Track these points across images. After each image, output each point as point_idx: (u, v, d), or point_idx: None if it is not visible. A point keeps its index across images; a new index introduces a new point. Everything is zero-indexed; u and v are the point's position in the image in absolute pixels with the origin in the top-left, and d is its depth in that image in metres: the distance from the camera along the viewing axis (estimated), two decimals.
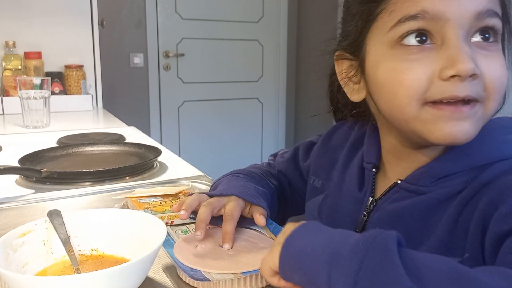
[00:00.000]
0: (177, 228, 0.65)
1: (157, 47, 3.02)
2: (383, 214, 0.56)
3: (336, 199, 0.65)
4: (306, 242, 0.44)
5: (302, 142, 0.79)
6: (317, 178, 0.71)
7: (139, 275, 0.49)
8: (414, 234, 0.52)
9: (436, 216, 0.51)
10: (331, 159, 0.70)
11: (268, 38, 3.35)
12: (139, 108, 3.03)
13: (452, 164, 0.52)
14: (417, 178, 0.54)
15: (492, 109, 0.49)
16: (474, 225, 0.47)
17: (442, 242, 0.49)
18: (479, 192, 0.48)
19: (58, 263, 0.55)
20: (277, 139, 3.56)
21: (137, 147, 1.17)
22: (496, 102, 0.49)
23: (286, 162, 0.79)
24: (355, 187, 0.62)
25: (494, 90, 0.47)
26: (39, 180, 0.92)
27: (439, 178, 0.52)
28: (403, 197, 0.55)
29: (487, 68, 0.47)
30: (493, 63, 0.47)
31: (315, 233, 0.44)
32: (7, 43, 1.86)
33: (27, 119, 1.55)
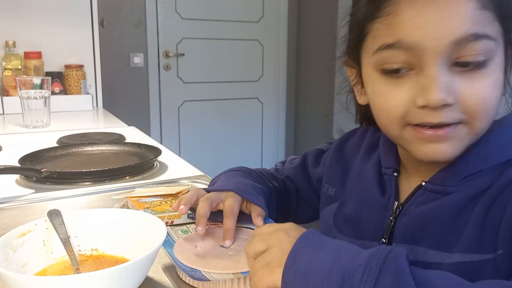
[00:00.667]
0: (177, 228, 0.65)
1: (157, 47, 3.02)
2: (410, 218, 0.55)
3: (356, 208, 0.63)
4: (310, 260, 0.41)
5: (311, 149, 0.79)
6: (331, 186, 0.70)
7: (139, 275, 0.49)
8: (444, 236, 0.51)
9: (465, 215, 0.50)
10: (344, 168, 0.69)
11: (268, 38, 3.35)
12: (139, 108, 3.03)
13: (477, 162, 0.51)
14: (443, 178, 0.53)
15: (479, 127, 0.49)
16: (506, 220, 0.46)
17: (472, 240, 0.49)
18: (508, 187, 0.48)
19: (58, 263, 0.55)
20: (277, 139, 3.56)
21: (137, 147, 1.17)
22: (483, 121, 0.49)
23: (295, 169, 0.78)
24: (376, 193, 0.61)
25: (476, 113, 0.47)
26: (39, 180, 0.92)
27: (465, 177, 0.52)
28: (430, 199, 0.54)
29: (469, 93, 0.47)
30: (476, 87, 0.47)
31: (318, 248, 0.43)
32: (7, 43, 1.86)
33: (27, 119, 1.55)
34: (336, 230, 0.66)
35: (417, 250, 0.53)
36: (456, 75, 0.47)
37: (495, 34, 0.46)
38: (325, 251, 0.42)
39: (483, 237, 0.48)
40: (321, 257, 0.41)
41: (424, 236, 0.53)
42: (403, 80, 0.49)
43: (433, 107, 0.47)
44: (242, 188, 0.65)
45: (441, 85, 0.46)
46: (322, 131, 3.09)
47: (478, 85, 0.47)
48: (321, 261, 0.41)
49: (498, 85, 0.48)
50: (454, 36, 0.45)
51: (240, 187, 0.65)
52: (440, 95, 0.46)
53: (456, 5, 0.45)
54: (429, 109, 0.47)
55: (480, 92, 0.47)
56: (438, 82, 0.46)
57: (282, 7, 3.34)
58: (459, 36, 0.45)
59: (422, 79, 0.47)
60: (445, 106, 0.47)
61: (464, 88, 0.47)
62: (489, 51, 0.46)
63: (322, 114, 3.07)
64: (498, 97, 0.48)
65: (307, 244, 0.43)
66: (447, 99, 0.46)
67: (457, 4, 0.45)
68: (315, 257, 0.41)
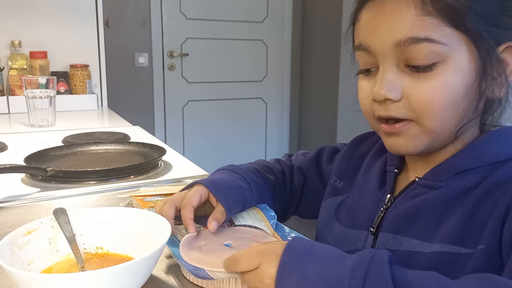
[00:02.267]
0: (181, 227, 0.66)
1: (162, 47, 3.02)
2: (399, 210, 0.58)
3: (357, 199, 0.66)
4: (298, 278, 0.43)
5: (327, 145, 0.80)
6: (339, 179, 0.72)
7: (143, 273, 0.49)
8: (429, 227, 0.53)
9: (452, 208, 0.52)
10: (357, 165, 0.71)
11: (272, 38, 3.35)
12: (143, 107, 3.04)
13: (470, 160, 0.54)
14: (435, 174, 0.56)
15: (429, 125, 0.52)
16: (494, 219, 0.48)
17: (454, 233, 0.51)
18: (498, 187, 0.50)
19: (63, 261, 0.55)
20: (281, 139, 3.56)
21: (142, 146, 1.17)
22: (431, 120, 0.52)
23: (310, 161, 0.79)
24: (375, 187, 0.64)
25: (422, 111, 0.51)
26: (44, 179, 0.93)
27: (456, 174, 0.54)
28: (421, 193, 0.57)
29: (413, 92, 0.51)
30: (421, 87, 0.51)
31: (305, 261, 0.44)
32: (13, 42, 1.87)
33: (33, 118, 1.56)
34: (336, 220, 0.68)
35: (401, 240, 0.55)
36: (405, 75, 0.52)
37: (442, 38, 0.49)
38: (312, 263, 0.43)
39: (467, 232, 0.50)
40: (308, 272, 0.43)
41: (409, 227, 0.55)
42: (370, 77, 0.56)
43: (378, 101, 0.54)
44: (213, 181, 0.65)
45: (385, 82, 0.52)
46: (326, 131, 3.09)
47: (423, 85, 0.51)
48: (309, 276, 0.42)
49: (450, 86, 0.50)
50: (394, 39, 0.51)
51: (211, 180, 0.65)
52: (381, 91, 0.52)
53: (399, 13, 0.51)
54: (380, 103, 0.54)
55: (423, 92, 0.51)
56: (383, 79, 0.53)
57: (287, 7, 3.34)
58: (399, 39, 0.50)
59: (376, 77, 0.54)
60: (391, 101, 0.53)
61: (409, 87, 0.52)
62: (435, 53, 0.50)
63: (326, 115, 3.07)
64: (449, 98, 0.50)
65: (293, 256, 0.44)
66: (388, 95, 0.52)
67: (399, 12, 0.51)
68: (303, 272, 0.43)
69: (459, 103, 0.51)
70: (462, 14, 0.49)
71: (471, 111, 0.53)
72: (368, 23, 0.54)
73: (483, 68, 0.51)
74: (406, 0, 0.50)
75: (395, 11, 0.51)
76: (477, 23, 0.50)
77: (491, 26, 0.50)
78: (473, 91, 0.52)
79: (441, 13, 0.49)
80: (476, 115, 0.54)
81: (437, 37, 0.49)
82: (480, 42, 0.50)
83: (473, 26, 0.50)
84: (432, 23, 0.49)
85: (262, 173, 0.76)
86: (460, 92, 0.51)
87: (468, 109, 0.52)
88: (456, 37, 0.50)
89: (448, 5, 0.49)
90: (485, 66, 0.51)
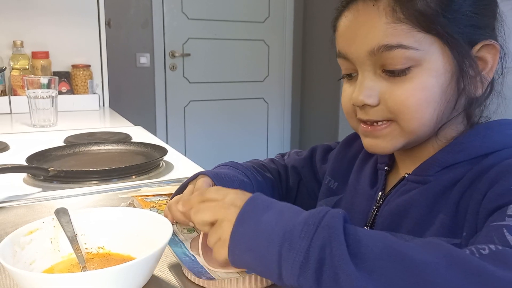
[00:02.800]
0: (182, 227, 0.66)
1: (163, 47, 3.03)
2: (391, 207, 0.59)
3: (351, 198, 0.68)
4: (255, 222, 0.44)
5: (320, 144, 0.81)
6: (333, 179, 0.73)
7: (145, 273, 0.49)
8: (421, 221, 0.54)
9: (441, 201, 0.54)
10: (349, 165, 0.72)
11: (274, 38, 3.35)
12: (145, 107, 3.05)
13: (457, 154, 0.54)
14: (424, 169, 0.57)
15: (410, 126, 0.54)
16: (473, 205, 0.49)
17: (444, 225, 0.52)
18: (481, 175, 0.51)
19: (65, 261, 0.55)
20: (283, 139, 3.56)
21: (143, 147, 1.17)
22: (410, 121, 0.53)
23: (303, 160, 0.80)
24: (367, 185, 0.65)
25: (400, 112, 0.53)
26: (46, 179, 0.93)
27: (444, 168, 0.55)
28: (411, 188, 0.58)
29: (390, 96, 0.53)
30: (396, 90, 0.53)
31: (263, 211, 0.45)
32: (15, 42, 1.87)
33: (35, 118, 1.56)
34: None
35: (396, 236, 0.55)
36: (382, 80, 0.54)
37: (414, 43, 0.51)
38: (270, 213, 0.45)
39: (455, 223, 0.51)
40: (265, 219, 0.44)
41: (402, 223, 0.56)
42: (352, 82, 0.58)
43: (358, 105, 0.56)
44: (216, 173, 0.66)
45: (363, 88, 0.54)
46: (327, 132, 3.08)
47: (399, 89, 0.52)
48: (266, 222, 0.44)
49: (425, 88, 0.52)
50: (369, 48, 0.53)
51: (214, 172, 0.66)
52: (360, 96, 0.55)
53: (371, 22, 0.52)
54: (360, 108, 0.56)
55: (399, 95, 0.52)
56: (361, 86, 0.55)
57: (288, 7, 3.34)
58: (372, 47, 0.52)
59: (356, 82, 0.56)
60: (369, 106, 0.55)
61: (385, 91, 0.53)
62: (409, 58, 0.51)
63: (328, 115, 3.06)
64: (425, 99, 0.52)
65: (254, 207, 0.46)
66: (366, 100, 0.54)
67: (372, 21, 0.52)
68: (260, 219, 0.44)
69: (436, 103, 0.53)
70: (433, 18, 0.50)
71: (451, 110, 0.54)
72: (344, 32, 0.56)
73: (459, 68, 0.52)
74: (377, 9, 0.52)
75: (367, 20, 0.53)
76: (449, 26, 0.51)
77: (464, 27, 0.51)
78: (451, 91, 0.53)
79: (411, 19, 0.50)
80: (458, 112, 0.55)
81: (409, 43, 0.51)
82: (453, 44, 0.51)
83: (444, 29, 0.50)
84: (403, 30, 0.51)
85: (260, 171, 0.76)
86: (436, 93, 0.52)
87: (447, 108, 0.54)
88: (429, 41, 0.51)
89: (418, 11, 0.50)
90: (461, 66, 0.52)
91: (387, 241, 0.40)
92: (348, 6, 0.55)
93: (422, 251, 0.39)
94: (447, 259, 0.37)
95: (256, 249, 0.43)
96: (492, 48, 0.53)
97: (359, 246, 0.40)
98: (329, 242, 0.40)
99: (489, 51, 0.53)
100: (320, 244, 0.40)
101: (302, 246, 0.41)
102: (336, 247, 0.39)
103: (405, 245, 0.40)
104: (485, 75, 0.54)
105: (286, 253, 0.41)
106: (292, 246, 0.41)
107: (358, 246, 0.40)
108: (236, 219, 0.45)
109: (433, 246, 0.39)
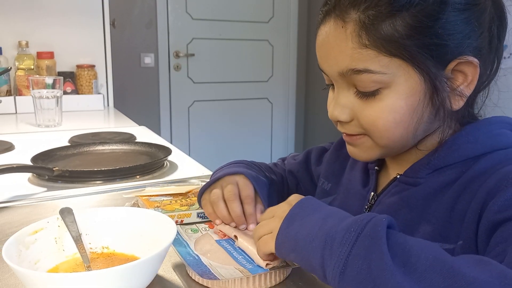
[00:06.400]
0: (187, 227, 0.66)
1: (168, 47, 3.03)
2: (383, 207, 0.59)
3: (344, 199, 0.68)
4: (301, 224, 0.47)
5: (315, 146, 0.82)
6: (327, 181, 0.74)
7: (149, 273, 0.49)
8: (411, 223, 0.55)
9: (432, 204, 0.54)
10: (342, 166, 0.72)
11: (278, 38, 3.35)
12: (149, 107, 3.05)
13: (447, 156, 0.54)
14: (415, 171, 0.57)
15: (381, 142, 0.55)
16: (471, 212, 0.49)
17: (436, 229, 0.52)
18: (475, 181, 0.50)
19: (69, 260, 0.55)
20: (287, 139, 3.56)
21: (148, 147, 1.17)
22: (381, 138, 0.55)
23: (298, 164, 0.81)
24: (359, 186, 0.66)
25: (371, 129, 0.54)
26: (51, 179, 0.93)
27: (435, 170, 0.55)
28: (402, 189, 0.58)
29: (361, 114, 0.54)
30: (368, 110, 0.53)
31: (310, 213, 0.48)
32: (20, 43, 1.88)
33: (40, 118, 1.57)
34: None
35: None
36: (355, 98, 0.54)
37: (380, 68, 0.51)
38: (316, 216, 0.47)
39: (448, 228, 0.51)
40: (311, 222, 0.46)
41: None
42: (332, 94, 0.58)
43: (333, 120, 0.58)
44: (251, 174, 0.67)
45: (337, 105, 0.56)
46: (331, 132, 3.07)
47: (369, 109, 0.53)
48: (311, 225, 0.46)
49: (393, 109, 0.52)
50: (338, 69, 0.53)
51: (249, 173, 0.67)
52: (334, 112, 0.57)
53: (339, 45, 0.52)
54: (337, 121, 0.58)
55: (369, 115, 0.54)
56: (336, 102, 0.56)
57: (292, 8, 3.34)
58: (341, 69, 0.53)
59: None
60: (342, 121, 0.56)
61: (357, 110, 0.55)
62: (377, 81, 0.51)
63: None
64: (393, 120, 0.52)
65: (302, 209, 0.49)
66: (339, 117, 0.56)
67: (339, 44, 0.52)
68: (306, 221, 0.47)
69: (407, 122, 0.53)
70: (399, 42, 0.49)
71: (428, 124, 0.54)
72: (319, 48, 0.56)
73: (432, 86, 0.51)
74: (345, 32, 0.52)
75: (336, 43, 0.53)
76: (417, 49, 0.49)
77: (434, 48, 0.50)
78: (424, 109, 0.52)
79: (377, 45, 0.50)
80: (439, 125, 0.55)
81: (375, 67, 0.51)
82: (422, 66, 0.50)
83: (411, 54, 0.50)
84: (369, 55, 0.51)
85: (272, 170, 0.78)
86: (405, 113, 0.52)
87: (421, 124, 0.53)
88: (396, 64, 0.50)
89: (383, 37, 0.49)
90: (434, 85, 0.51)
91: (438, 254, 0.40)
92: (324, 20, 0.55)
93: (474, 268, 0.38)
94: (501, 279, 0.36)
95: (300, 251, 0.46)
96: (470, 64, 0.51)
97: (409, 255, 0.40)
98: (370, 253, 0.40)
99: (467, 66, 0.51)
100: (360, 254, 0.40)
101: (342, 253, 0.41)
102: (377, 258, 0.39)
103: (457, 260, 0.39)
104: (464, 89, 0.52)
105: (328, 258, 0.43)
106: (333, 252, 0.42)
107: (408, 256, 0.39)
108: (285, 218, 0.48)
109: (485, 264, 0.39)
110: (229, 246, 0.59)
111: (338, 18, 0.52)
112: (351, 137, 0.58)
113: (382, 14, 0.49)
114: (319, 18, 0.56)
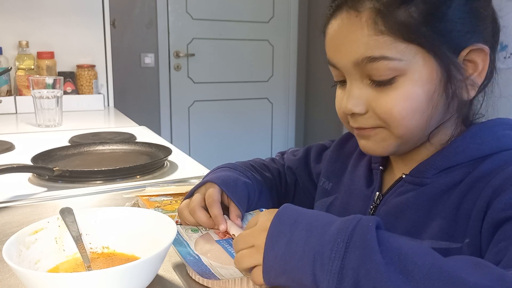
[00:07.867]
0: (187, 227, 0.66)
1: (168, 47, 3.03)
2: (389, 207, 0.59)
3: (347, 199, 0.67)
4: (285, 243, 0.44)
5: (315, 144, 0.81)
6: (328, 180, 0.73)
7: (149, 273, 0.49)
8: (417, 223, 0.55)
9: (439, 205, 0.54)
10: (343, 165, 0.72)
11: (278, 38, 3.35)
12: (149, 107, 3.05)
13: (454, 156, 0.55)
14: (421, 171, 0.57)
15: (398, 132, 0.54)
16: (476, 211, 0.49)
17: (443, 229, 0.52)
18: (481, 180, 0.51)
19: (70, 260, 0.55)
20: (287, 139, 3.56)
21: (148, 147, 1.17)
22: (398, 128, 0.54)
23: (298, 161, 0.80)
24: (363, 185, 0.65)
25: (387, 120, 0.54)
26: (51, 179, 0.93)
27: (441, 170, 0.55)
28: (408, 190, 0.58)
29: (376, 104, 0.54)
30: (383, 99, 0.53)
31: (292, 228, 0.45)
32: (20, 43, 1.88)
33: (40, 118, 1.57)
34: None
35: None
36: (369, 88, 0.54)
37: (397, 55, 0.51)
38: (299, 229, 0.44)
39: (454, 227, 0.51)
40: (294, 238, 0.44)
41: (399, 224, 0.56)
42: (343, 88, 0.58)
43: (348, 114, 0.57)
44: (222, 179, 0.67)
45: (351, 97, 0.55)
46: (331, 132, 3.08)
47: (385, 98, 0.53)
48: (295, 242, 0.44)
49: (410, 97, 0.52)
50: (353, 59, 0.53)
51: (220, 178, 0.67)
52: (348, 105, 0.56)
53: (354, 34, 0.52)
54: (350, 115, 0.57)
55: (385, 104, 0.53)
56: (349, 95, 0.56)
57: (293, 7, 3.34)
58: (356, 59, 0.53)
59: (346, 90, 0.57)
60: (358, 114, 0.56)
61: (372, 100, 0.54)
62: (393, 69, 0.51)
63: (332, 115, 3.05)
64: (411, 108, 0.52)
65: (281, 226, 0.46)
66: (354, 109, 0.55)
67: (354, 33, 0.52)
68: (290, 238, 0.44)
69: (423, 110, 0.53)
70: (415, 29, 0.50)
71: (441, 114, 0.54)
72: (331, 41, 0.56)
73: (446, 74, 0.52)
74: (360, 21, 0.52)
75: (351, 32, 0.53)
76: (432, 35, 0.50)
77: (449, 34, 0.51)
78: (438, 97, 0.53)
79: (393, 31, 0.50)
80: (450, 115, 0.55)
81: (392, 54, 0.51)
82: (437, 52, 0.51)
83: (427, 39, 0.50)
84: (386, 42, 0.51)
85: (259, 170, 0.77)
86: (422, 101, 0.52)
87: (435, 114, 0.54)
88: (412, 51, 0.51)
89: (399, 22, 0.50)
90: (448, 72, 0.52)
91: (435, 260, 0.39)
92: (335, 14, 0.55)
93: (473, 272, 0.37)
94: (500, 282, 0.36)
95: (290, 272, 0.43)
96: (481, 52, 0.52)
97: (405, 263, 0.39)
98: (363, 264, 0.39)
99: (478, 55, 0.53)
100: (353, 266, 0.39)
101: (334, 268, 0.40)
102: (371, 268, 0.38)
103: (453, 264, 0.39)
104: (475, 78, 0.53)
105: (319, 274, 0.41)
106: (324, 268, 0.41)
107: (405, 263, 0.39)
108: (265, 243, 0.45)
109: (483, 267, 0.38)
110: (229, 246, 0.59)
111: (350, 9, 0.53)
112: (364, 130, 0.57)
113: (397, 2, 0.50)
114: (328, 14, 0.56)
